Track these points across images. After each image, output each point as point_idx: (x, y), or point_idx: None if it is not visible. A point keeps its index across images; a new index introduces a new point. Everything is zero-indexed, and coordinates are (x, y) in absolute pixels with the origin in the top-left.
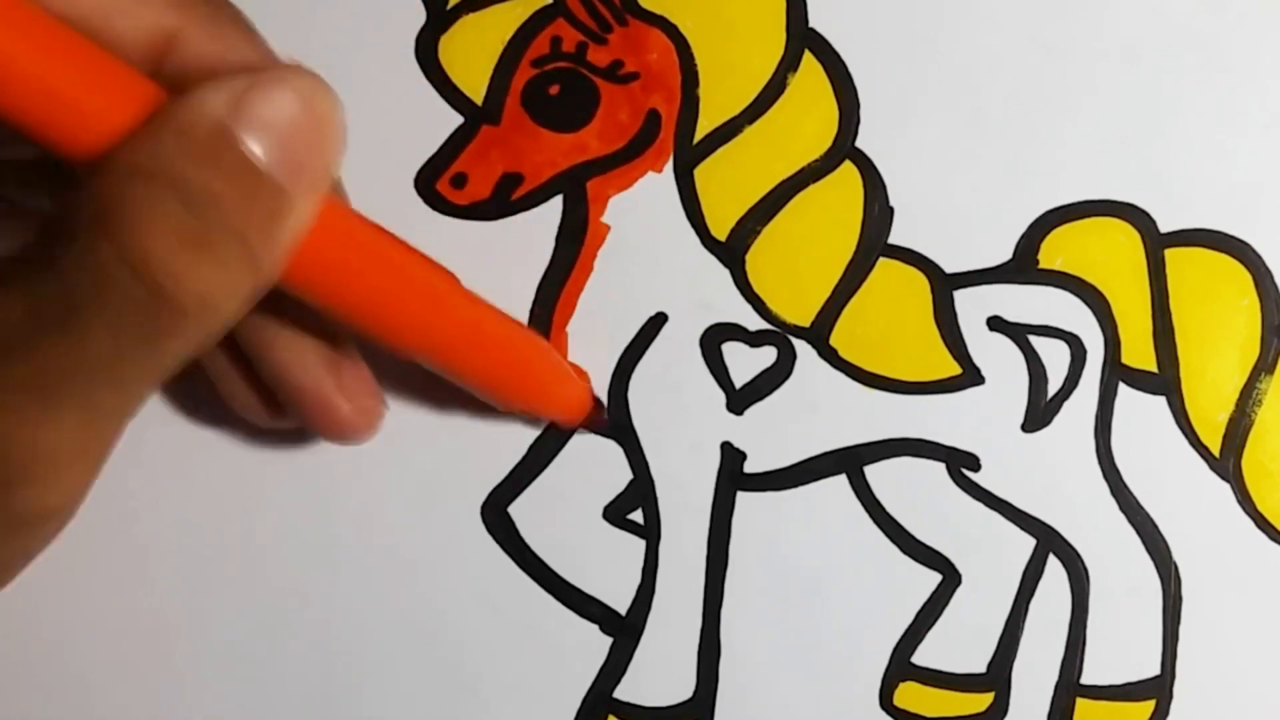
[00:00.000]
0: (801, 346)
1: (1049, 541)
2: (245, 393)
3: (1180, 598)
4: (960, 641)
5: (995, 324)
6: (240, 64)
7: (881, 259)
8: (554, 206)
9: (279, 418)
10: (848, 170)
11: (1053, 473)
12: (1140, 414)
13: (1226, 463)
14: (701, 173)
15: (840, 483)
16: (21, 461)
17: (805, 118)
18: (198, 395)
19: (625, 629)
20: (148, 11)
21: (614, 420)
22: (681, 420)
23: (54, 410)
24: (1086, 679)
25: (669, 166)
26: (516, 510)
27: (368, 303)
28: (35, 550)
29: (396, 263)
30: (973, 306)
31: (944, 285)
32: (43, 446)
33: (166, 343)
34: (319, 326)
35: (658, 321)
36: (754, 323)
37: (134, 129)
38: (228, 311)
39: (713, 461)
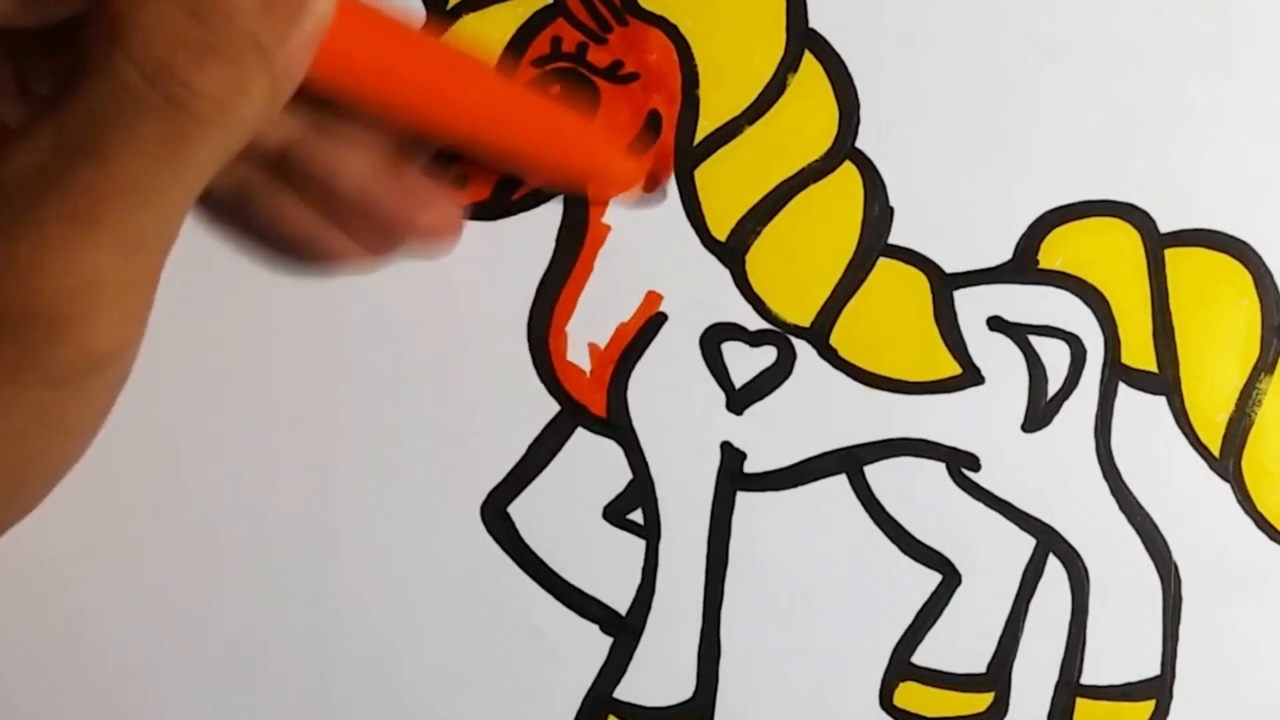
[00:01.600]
0: (801, 346)
1: (1049, 541)
2: (331, 233)
3: (1180, 598)
4: (960, 641)
5: (995, 324)
6: None
7: (881, 259)
8: (554, 206)
9: (367, 251)
10: (848, 170)
11: (1053, 473)
12: (1140, 414)
13: (1226, 463)
14: (702, 173)
15: (840, 483)
16: (63, 296)
17: (805, 118)
18: (197, 394)
19: (625, 629)
20: None
21: (614, 420)
22: (681, 420)
23: (89, 237)
24: (1086, 679)
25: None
26: (516, 510)
27: (411, 90)
28: (96, 416)
29: (430, 46)
30: (973, 306)
31: (944, 285)
32: (82, 278)
33: (191, 151)
34: (378, 141)
35: (658, 321)
36: (754, 323)
37: None
38: (247, 114)
39: (713, 461)
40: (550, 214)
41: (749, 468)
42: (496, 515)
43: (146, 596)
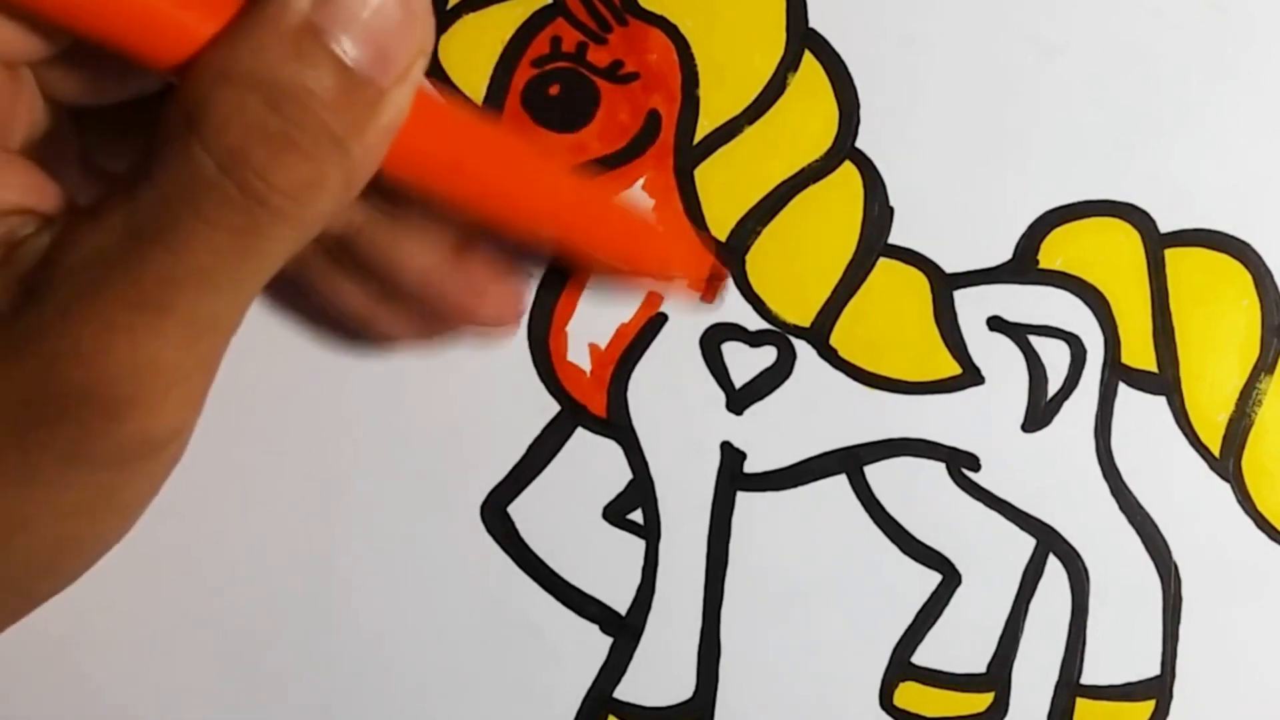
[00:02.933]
0: (801, 346)
1: (1049, 541)
2: (390, 314)
3: (1180, 598)
4: (960, 641)
5: (995, 324)
6: None
7: (881, 259)
8: None
9: (427, 331)
10: (848, 170)
11: (1053, 473)
12: (1140, 414)
13: (1226, 463)
14: (702, 173)
15: (840, 483)
16: (129, 381)
17: (805, 118)
18: None
19: (625, 629)
20: None
21: (614, 420)
22: (681, 420)
23: (158, 324)
24: (1086, 679)
25: (669, 167)
26: (516, 510)
27: (481, 182)
28: (147, 496)
29: (501, 138)
30: (973, 306)
31: (944, 285)
32: (149, 362)
33: (262, 244)
34: (442, 223)
35: (658, 322)
36: (754, 323)
37: (219, 32)
38: (322, 208)
39: (713, 461)
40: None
41: (749, 468)
42: (496, 515)
43: (146, 596)
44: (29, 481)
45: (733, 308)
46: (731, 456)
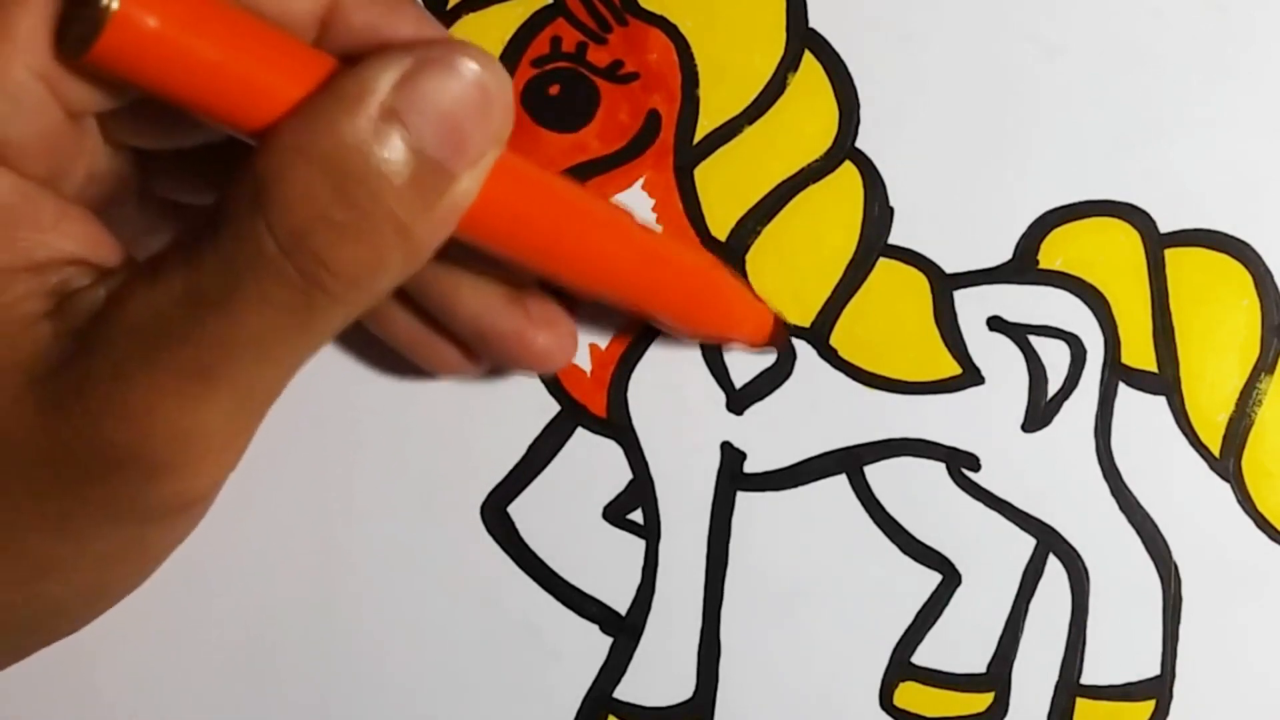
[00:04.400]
0: (801, 346)
1: (1049, 541)
2: (438, 347)
3: (1180, 598)
4: (960, 641)
5: (995, 324)
6: (407, 35)
7: (881, 259)
8: None
9: (474, 364)
10: (848, 170)
11: (1053, 473)
12: (1140, 414)
13: (1226, 463)
14: (701, 173)
15: (840, 483)
16: (172, 445)
17: (805, 118)
18: None
19: (625, 629)
20: None
21: (614, 420)
22: (681, 420)
23: (206, 391)
24: (1086, 679)
25: (669, 167)
26: (516, 510)
27: (548, 247)
28: (173, 546)
29: (571, 202)
30: (973, 306)
31: (944, 285)
32: (194, 430)
33: (315, 321)
34: (500, 268)
35: None
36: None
37: (300, 102)
38: (379, 289)
39: (713, 461)
40: None
41: (749, 468)
42: (496, 515)
43: (146, 596)
44: (63, 530)
45: None
46: (731, 456)
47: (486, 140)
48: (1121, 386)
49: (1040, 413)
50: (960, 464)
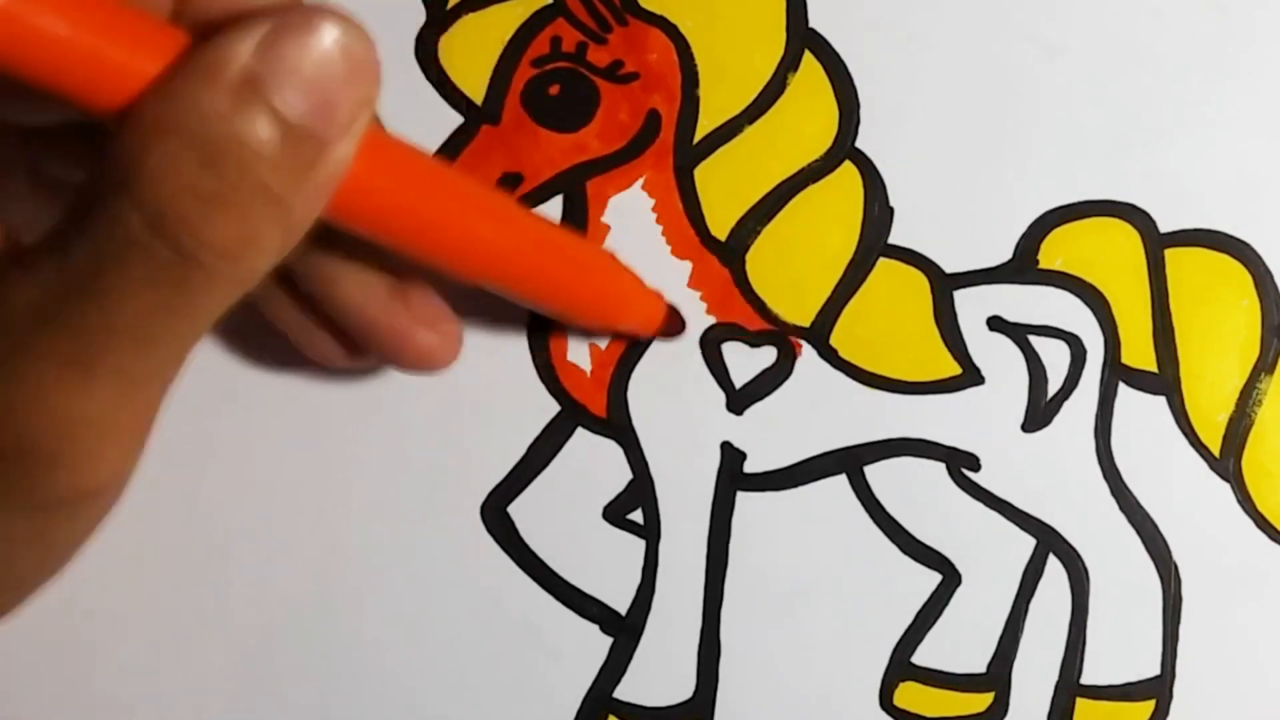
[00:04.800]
0: (801, 346)
1: (1049, 541)
2: (320, 338)
3: (1180, 598)
4: (960, 641)
5: (995, 324)
6: (265, 6)
7: (881, 259)
8: (554, 207)
9: (357, 358)
10: (848, 170)
11: (1053, 473)
12: (1140, 414)
13: (1226, 463)
14: (701, 173)
15: (840, 483)
16: (58, 435)
17: (805, 118)
18: (196, 394)
19: (625, 629)
20: None
21: (614, 420)
22: (681, 420)
23: (87, 379)
24: (1086, 679)
25: (669, 167)
26: (516, 510)
27: (427, 231)
28: (83, 535)
29: (451, 186)
30: (973, 306)
31: (944, 285)
32: (79, 418)
33: (195, 300)
34: (382, 259)
35: None
36: (754, 323)
37: (156, 80)
38: (258, 264)
39: (713, 461)
40: (550, 214)
41: (749, 468)
42: (496, 515)
43: (146, 596)
44: None
45: (733, 308)
46: (731, 456)
47: (355, 104)
48: (1121, 386)
49: (1040, 413)
50: (960, 464)
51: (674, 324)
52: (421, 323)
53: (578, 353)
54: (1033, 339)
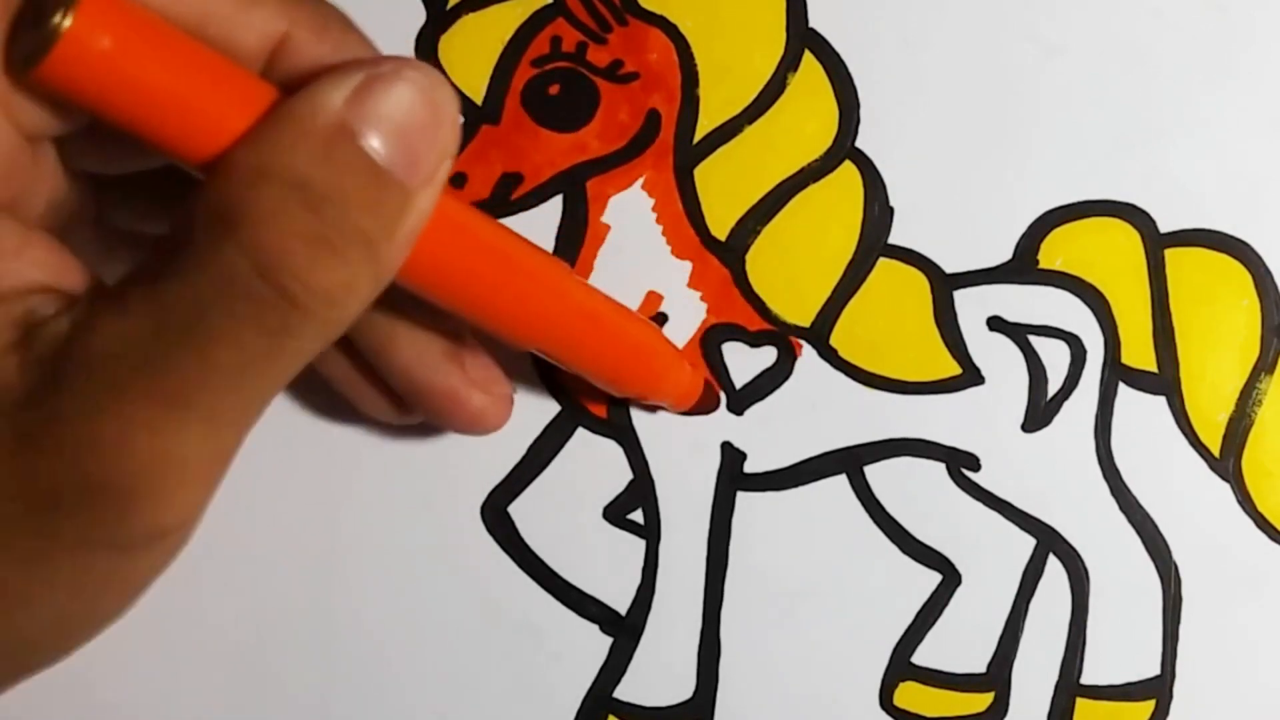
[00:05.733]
0: (801, 346)
1: (1049, 541)
2: (371, 394)
3: (1180, 598)
4: (960, 641)
5: (995, 324)
6: (351, 60)
7: (881, 259)
8: (554, 206)
9: (406, 414)
10: (848, 170)
11: (1053, 473)
12: (1140, 414)
13: (1226, 463)
14: (701, 173)
15: (840, 483)
16: (147, 475)
17: (805, 118)
18: None
19: (625, 629)
20: (258, 16)
21: (614, 420)
22: (681, 420)
23: (180, 420)
24: (1086, 679)
25: (669, 166)
26: (516, 510)
27: (485, 295)
28: (154, 574)
29: (511, 253)
30: (973, 306)
31: (944, 285)
32: (169, 459)
33: (291, 344)
34: (438, 321)
35: (658, 321)
36: (754, 323)
37: (251, 129)
38: (351, 310)
39: (713, 461)
40: (550, 213)
41: (749, 468)
42: (496, 515)
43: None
44: (35, 562)
45: (733, 308)
46: (731, 456)
47: (438, 154)
48: (1121, 386)
49: (1040, 413)
50: (960, 464)
51: (709, 400)
52: (475, 385)
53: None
54: (1033, 339)
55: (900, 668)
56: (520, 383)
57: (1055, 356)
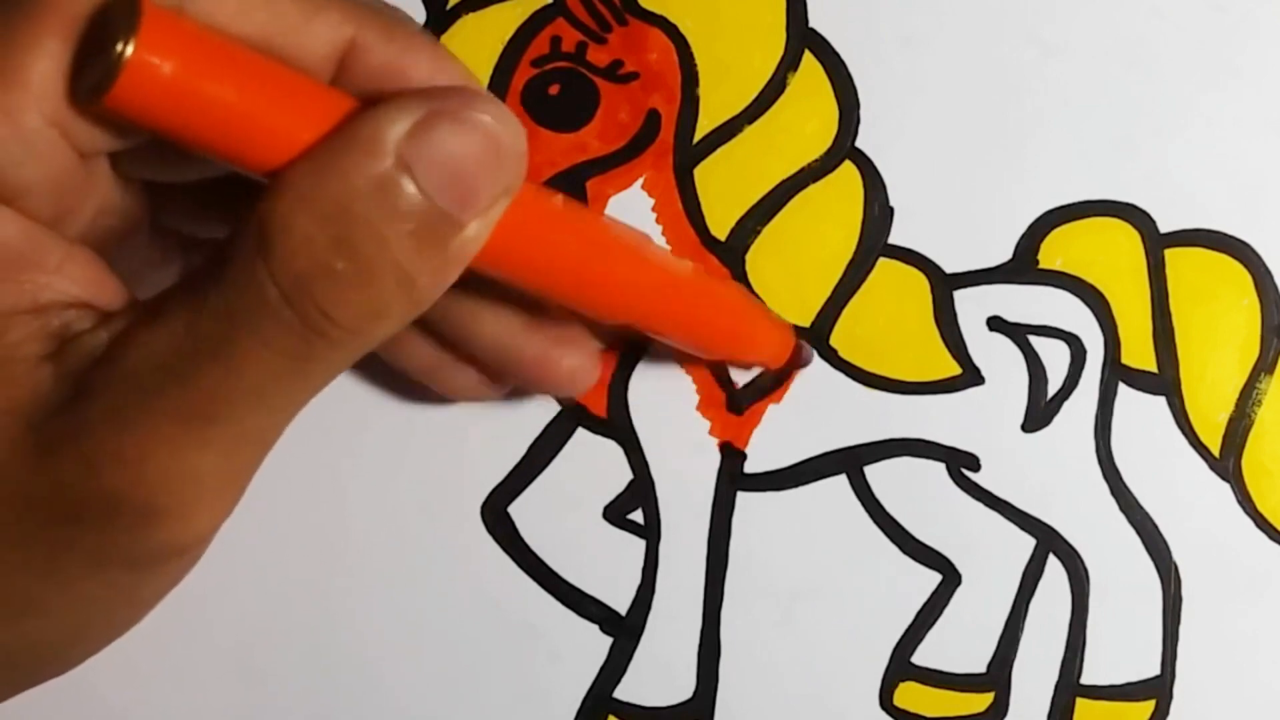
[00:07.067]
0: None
1: (1049, 541)
2: (459, 372)
3: (1180, 598)
4: (960, 641)
5: (995, 324)
6: (423, 75)
7: (881, 259)
8: None
9: (498, 388)
10: (848, 170)
11: (1053, 473)
12: (1140, 414)
13: (1226, 463)
14: (701, 173)
15: (840, 483)
16: (169, 489)
17: (805, 118)
18: None
19: (625, 629)
20: (324, 23)
21: (614, 420)
22: (681, 420)
23: (203, 437)
24: (1086, 679)
25: (669, 166)
26: (516, 510)
27: (567, 277)
28: (167, 589)
29: (588, 231)
30: (973, 306)
31: (944, 285)
32: (186, 474)
33: (318, 366)
34: (520, 297)
35: None
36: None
37: (313, 145)
38: (379, 337)
39: (713, 461)
40: None
41: (749, 468)
42: (496, 515)
43: None
44: (50, 573)
45: None
46: (731, 456)
47: (496, 192)
48: (1121, 386)
49: (1040, 413)
50: (960, 464)
51: (801, 355)
52: (563, 347)
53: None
54: (1033, 339)
55: (900, 668)
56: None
57: (1055, 356)
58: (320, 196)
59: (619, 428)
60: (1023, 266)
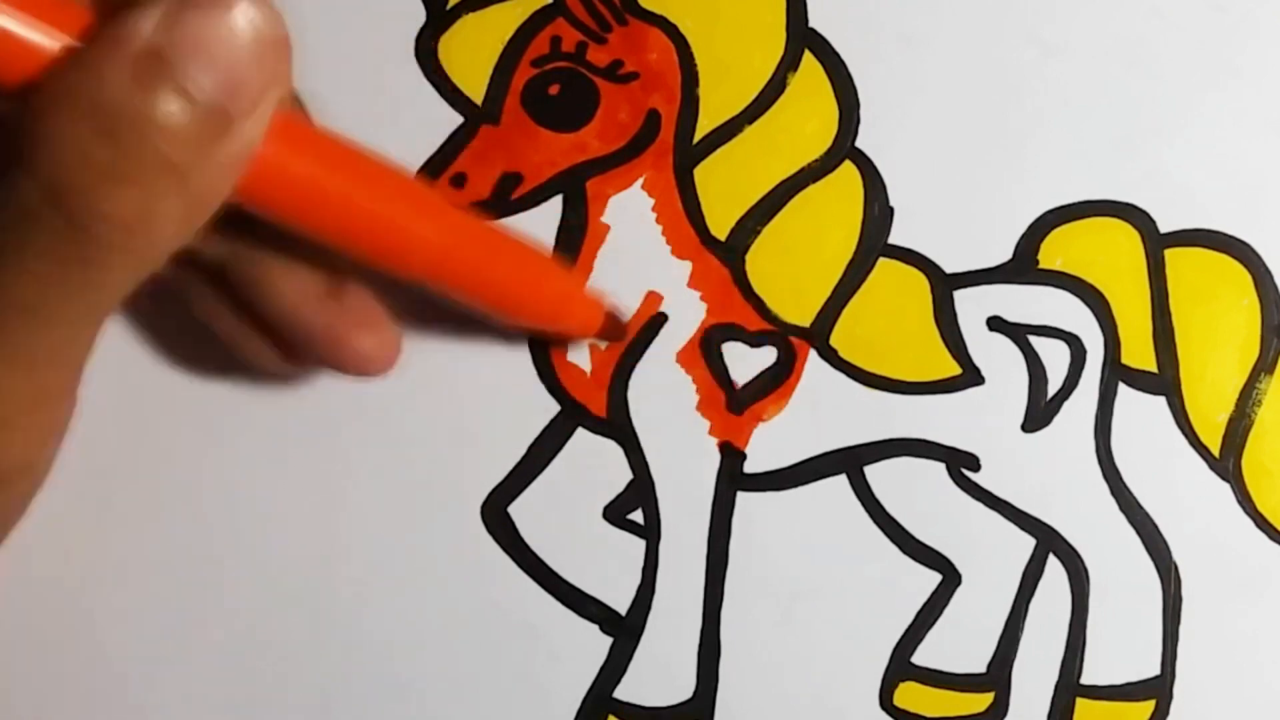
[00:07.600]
0: (802, 347)
1: (1049, 541)
2: (255, 341)
3: (1180, 598)
4: (960, 641)
5: (995, 324)
6: None
7: (881, 259)
8: (554, 206)
9: (293, 362)
10: (848, 170)
11: (1053, 473)
12: (1140, 414)
13: (1226, 463)
14: (701, 173)
15: (840, 483)
16: None
17: (805, 118)
18: (195, 394)
19: (625, 629)
20: None
21: (614, 420)
22: (681, 420)
23: None
24: (1086, 679)
25: (669, 166)
26: (516, 510)
27: (349, 217)
28: (7, 518)
29: (370, 172)
30: (973, 306)
31: (944, 285)
32: None
33: (95, 275)
34: (316, 258)
35: (658, 321)
36: (754, 323)
37: (64, 55)
38: (158, 241)
39: (713, 461)
40: (549, 213)
41: (749, 468)
42: (496, 515)
43: (146, 595)
44: None
45: (733, 308)
46: (731, 456)
47: (262, 81)
48: (1121, 386)
49: (1040, 413)
50: (960, 464)
51: (613, 328)
52: (358, 325)
53: (578, 353)
54: (1033, 339)
55: (900, 668)
56: (520, 383)
57: (1055, 356)
58: (75, 94)
59: (619, 428)
60: (1023, 266)
